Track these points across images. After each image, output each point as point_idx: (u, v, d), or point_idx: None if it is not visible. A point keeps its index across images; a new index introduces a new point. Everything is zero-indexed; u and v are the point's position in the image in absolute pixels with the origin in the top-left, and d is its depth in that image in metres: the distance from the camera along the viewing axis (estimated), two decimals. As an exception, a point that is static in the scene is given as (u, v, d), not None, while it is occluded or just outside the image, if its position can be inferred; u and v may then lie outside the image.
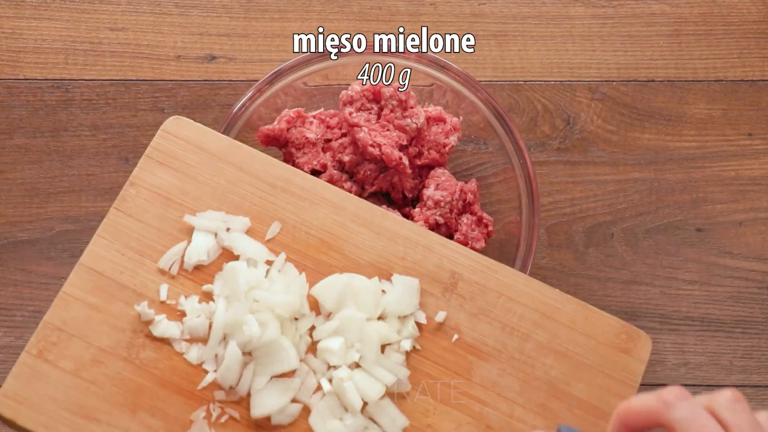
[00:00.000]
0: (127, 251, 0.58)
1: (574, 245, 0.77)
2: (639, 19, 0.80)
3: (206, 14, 0.79)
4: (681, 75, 0.79)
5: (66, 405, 0.53)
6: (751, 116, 0.79)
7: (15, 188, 0.77)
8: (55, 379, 0.54)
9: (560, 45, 0.79)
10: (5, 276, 0.76)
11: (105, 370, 0.54)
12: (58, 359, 0.54)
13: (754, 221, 0.78)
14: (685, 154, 0.79)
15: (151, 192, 0.59)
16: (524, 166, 0.70)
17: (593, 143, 0.78)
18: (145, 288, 0.56)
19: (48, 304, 0.75)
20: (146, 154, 0.60)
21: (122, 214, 0.59)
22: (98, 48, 0.78)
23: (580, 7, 0.80)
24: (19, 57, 0.78)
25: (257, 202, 0.59)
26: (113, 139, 0.77)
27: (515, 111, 0.78)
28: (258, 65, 0.78)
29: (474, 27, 0.79)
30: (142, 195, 0.59)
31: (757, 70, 0.79)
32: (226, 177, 0.60)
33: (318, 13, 0.79)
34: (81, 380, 0.54)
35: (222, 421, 0.54)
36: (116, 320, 0.56)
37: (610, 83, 0.79)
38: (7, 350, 0.75)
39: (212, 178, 0.60)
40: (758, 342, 0.77)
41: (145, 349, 0.55)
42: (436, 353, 0.58)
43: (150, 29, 0.79)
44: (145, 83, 0.78)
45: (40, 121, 0.77)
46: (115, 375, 0.54)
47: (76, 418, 0.53)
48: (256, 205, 0.59)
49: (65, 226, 0.76)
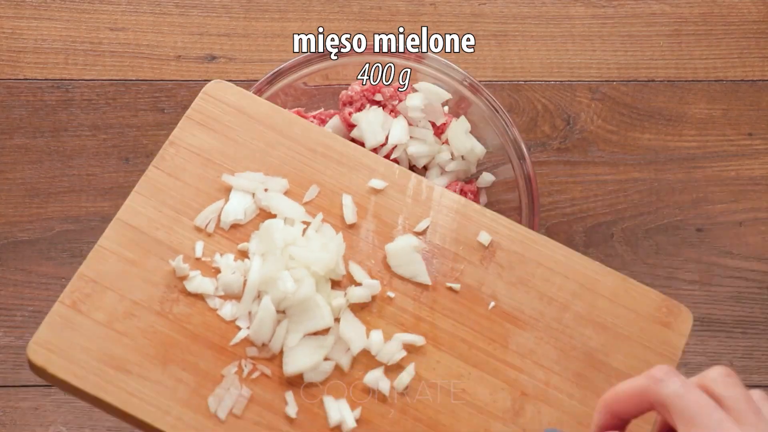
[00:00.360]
0: (164, 208, 0.58)
1: (574, 245, 0.77)
2: (639, 19, 0.80)
3: (206, 14, 0.79)
4: (681, 75, 0.79)
5: (97, 355, 0.53)
6: (751, 116, 0.79)
7: (15, 188, 0.77)
8: (87, 330, 0.54)
9: (560, 45, 0.79)
10: (5, 276, 0.76)
11: (138, 323, 0.54)
12: (91, 310, 0.54)
13: (754, 221, 0.78)
14: (685, 154, 0.79)
15: (190, 152, 0.59)
16: (524, 166, 0.70)
17: (593, 143, 0.78)
18: (181, 245, 0.57)
19: (48, 304, 0.76)
20: (186, 115, 0.60)
21: (160, 172, 0.59)
22: (98, 48, 0.78)
23: (580, 7, 0.80)
24: (19, 57, 0.78)
25: (296, 165, 0.59)
26: (113, 139, 0.77)
27: (515, 111, 0.78)
28: (258, 65, 0.78)
29: (474, 27, 0.79)
30: (181, 154, 0.59)
31: (757, 70, 0.80)
32: (265, 140, 0.60)
33: (318, 13, 0.79)
34: (113, 332, 0.54)
35: (253, 377, 0.54)
36: (151, 275, 0.56)
37: (610, 83, 0.79)
38: (7, 350, 0.75)
39: (252, 141, 0.60)
40: (758, 342, 0.77)
41: (178, 304, 0.55)
42: (472, 319, 0.57)
43: (150, 29, 0.79)
44: (145, 83, 0.78)
45: (40, 121, 0.77)
46: (148, 328, 0.54)
47: (107, 368, 0.53)
48: (295, 169, 0.59)
49: (65, 226, 0.76)
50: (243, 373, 0.54)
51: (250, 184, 0.59)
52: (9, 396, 0.75)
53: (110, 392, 0.52)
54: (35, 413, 0.75)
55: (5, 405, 0.75)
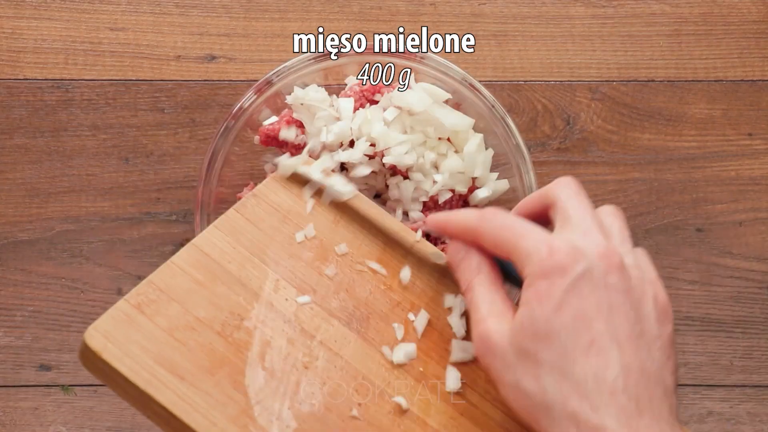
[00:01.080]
0: (239, 247, 0.59)
1: (574, 245, 0.77)
2: (639, 19, 0.80)
3: (206, 14, 0.79)
4: (681, 75, 0.79)
5: (153, 355, 0.54)
6: (751, 116, 0.79)
7: (15, 188, 0.77)
8: (147, 331, 0.54)
9: (560, 45, 0.79)
10: (5, 276, 0.76)
11: (197, 337, 0.55)
12: (154, 315, 0.55)
13: (754, 221, 0.78)
14: (685, 154, 0.79)
15: (271, 206, 0.62)
16: (524, 165, 0.70)
17: (593, 143, 0.78)
18: (250, 281, 0.58)
19: (48, 303, 0.76)
20: (273, 175, 0.63)
21: (240, 216, 0.61)
22: (98, 48, 0.78)
23: (580, 7, 0.80)
24: (19, 57, 0.78)
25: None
26: (113, 139, 0.77)
27: (515, 111, 0.78)
28: (258, 65, 0.78)
29: (474, 27, 0.79)
30: (262, 206, 0.62)
31: (757, 70, 0.80)
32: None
33: (318, 13, 0.79)
34: (173, 338, 0.54)
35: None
36: (217, 299, 0.57)
37: (610, 83, 0.79)
38: (7, 350, 0.75)
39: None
40: (758, 342, 0.77)
41: (239, 332, 0.56)
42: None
43: (150, 29, 0.79)
44: (145, 83, 0.78)
45: (40, 121, 0.77)
46: (206, 344, 0.55)
47: (160, 369, 0.53)
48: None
49: (65, 226, 0.76)
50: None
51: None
52: (9, 396, 0.75)
53: (161, 391, 0.52)
54: (35, 413, 0.75)
55: (5, 405, 0.75)
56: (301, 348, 0.57)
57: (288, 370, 0.55)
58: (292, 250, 0.61)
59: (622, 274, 0.49)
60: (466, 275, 0.53)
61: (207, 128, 0.78)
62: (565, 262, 0.48)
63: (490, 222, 0.52)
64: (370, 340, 0.58)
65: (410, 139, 0.69)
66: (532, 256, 0.49)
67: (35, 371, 0.75)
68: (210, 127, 0.78)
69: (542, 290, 0.48)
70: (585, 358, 0.47)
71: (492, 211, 0.52)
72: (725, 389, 0.77)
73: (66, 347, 0.75)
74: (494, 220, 0.52)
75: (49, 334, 0.76)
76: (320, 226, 0.62)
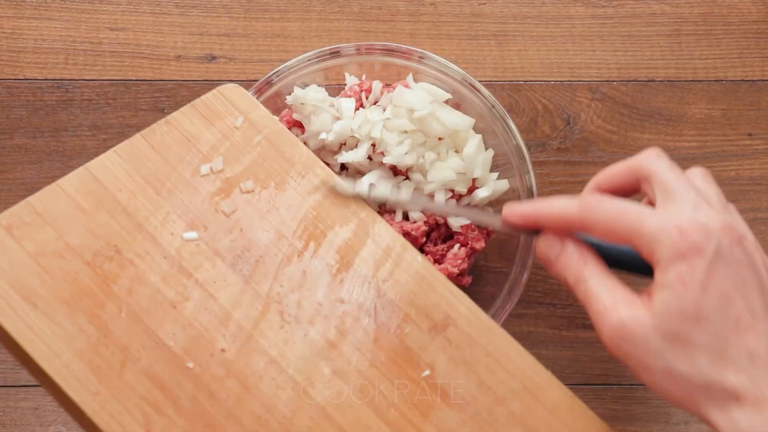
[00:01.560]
0: (135, 174, 0.57)
1: (574, 245, 0.77)
2: (639, 19, 0.80)
3: (206, 14, 0.79)
4: (681, 75, 0.79)
5: (11, 279, 0.52)
6: (751, 116, 0.79)
7: (15, 188, 0.77)
8: (11, 254, 0.53)
9: (560, 45, 0.79)
10: (5, 276, 0.76)
11: (63, 265, 0.53)
12: (23, 238, 0.53)
13: (754, 221, 0.78)
14: (685, 154, 0.79)
15: (182, 135, 0.60)
16: (524, 165, 0.70)
17: (593, 143, 0.78)
18: (137, 211, 0.56)
19: (48, 304, 0.76)
20: (192, 104, 0.61)
21: (146, 143, 0.59)
22: (98, 48, 0.78)
23: (580, 7, 0.80)
24: (19, 57, 0.78)
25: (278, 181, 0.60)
26: (113, 139, 0.77)
27: (515, 111, 0.78)
28: (258, 65, 0.78)
29: (474, 27, 0.79)
30: (173, 134, 0.59)
31: (757, 70, 0.80)
32: (260, 152, 0.60)
33: (318, 13, 0.79)
34: (36, 265, 0.53)
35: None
36: (96, 227, 0.55)
37: (610, 83, 0.79)
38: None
39: (245, 147, 0.60)
40: (758, 342, 0.77)
41: (110, 263, 0.54)
42: (401, 379, 0.56)
43: (150, 29, 0.79)
44: (145, 83, 0.78)
45: (40, 121, 0.77)
46: (71, 272, 0.53)
47: (15, 294, 0.52)
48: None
49: (65, 226, 0.76)
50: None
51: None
52: (9, 396, 0.75)
53: (8, 317, 0.51)
54: (35, 413, 0.75)
55: (5, 405, 0.75)
56: (174, 286, 0.55)
57: (152, 308, 0.53)
58: (193, 183, 0.58)
59: (743, 246, 0.50)
60: (573, 268, 0.52)
61: (207, 128, 0.78)
62: (699, 242, 0.48)
63: (600, 210, 0.51)
64: (254, 284, 0.56)
65: (410, 137, 0.69)
66: (662, 239, 0.49)
67: (35, 371, 0.75)
68: (210, 127, 0.78)
69: (684, 272, 0.48)
70: (736, 335, 0.48)
71: (595, 198, 0.52)
72: (725, 389, 0.77)
73: (66, 347, 0.75)
74: (603, 207, 0.51)
75: (49, 334, 0.75)
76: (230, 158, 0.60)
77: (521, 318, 0.76)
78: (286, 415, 0.53)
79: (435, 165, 0.69)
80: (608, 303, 0.50)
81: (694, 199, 0.50)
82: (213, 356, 0.53)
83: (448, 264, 0.69)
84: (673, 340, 0.48)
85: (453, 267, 0.69)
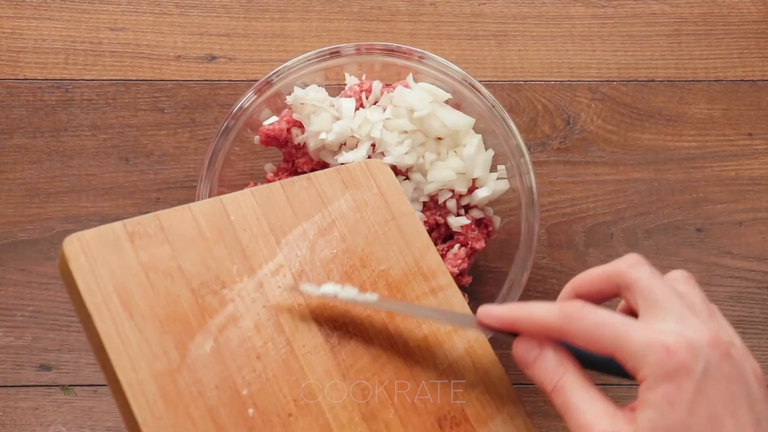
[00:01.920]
0: (262, 219, 0.58)
1: (574, 245, 0.77)
2: (639, 19, 0.80)
3: (206, 14, 0.79)
4: (681, 75, 0.79)
5: (117, 284, 0.52)
6: (751, 116, 0.79)
7: (15, 188, 0.77)
8: (126, 260, 0.53)
9: (560, 45, 0.79)
10: (5, 276, 0.76)
11: (169, 285, 0.53)
12: (141, 248, 0.54)
13: (754, 221, 0.78)
14: (685, 154, 0.79)
15: (318, 194, 0.60)
16: (524, 166, 0.70)
17: (593, 143, 0.78)
18: (254, 255, 0.56)
19: (48, 303, 0.76)
20: (337, 168, 0.61)
21: (282, 191, 0.59)
22: (98, 48, 0.78)
23: (580, 7, 0.80)
24: (19, 57, 0.78)
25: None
26: (113, 139, 0.77)
27: (515, 111, 0.78)
28: (258, 65, 0.78)
29: (474, 27, 0.79)
30: (309, 191, 0.60)
31: (757, 70, 0.80)
32: (386, 232, 0.61)
33: (318, 13, 0.79)
34: (145, 277, 0.53)
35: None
36: (211, 259, 0.55)
37: (610, 83, 0.79)
38: (7, 350, 0.75)
39: (374, 224, 0.61)
40: (758, 342, 0.77)
41: (213, 297, 0.54)
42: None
43: (150, 29, 0.79)
44: (145, 83, 0.78)
45: (40, 121, 0.77)
46: (174, 294, 0.53)
47: (116, 299, 0.52)
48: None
49: (65, 226, 0.76)
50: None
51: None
52: (9, 396, 0.75)
53: (104, 319, 0.51)
54: (35, 413, 0.75)
55: (5, 405, 0.75)
56: (265, 337, 0.55)
57: (238, 352, 0.53)
58: (314, 244, 0.58)
59: (731, 359, 0.48)
60: (550, 376, 0.51)
61: (207, 128, 0.78)
62: (686, 361, 0.47)
63: (581, 321, 0.49)
64: (340, 360, 0.56)
65: (410, 137, 0.69)
66: (648, 356, 0.47)
67: (35, 371, 0.75)
68: (210, 127, 0.78)
69: (671, 394, 0.47)
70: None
71: (576, 307, 0.50)
72: (725, 389, 0.77)
73: (66, 347, 0.75)
74: (586, 318, 0.49)
75: (49, 334, 0.75)
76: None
77: (521, 318, 0.76)
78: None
79: (435, 165, 0.69)
80: (590, 417, 0.49)
81: (679, 310, 0.49)
82: (279, 417, 0.53)
83: (448, 264, 0.69)
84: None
85: (453, 267, 0.69)
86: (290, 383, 0.54)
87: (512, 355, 0.51)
